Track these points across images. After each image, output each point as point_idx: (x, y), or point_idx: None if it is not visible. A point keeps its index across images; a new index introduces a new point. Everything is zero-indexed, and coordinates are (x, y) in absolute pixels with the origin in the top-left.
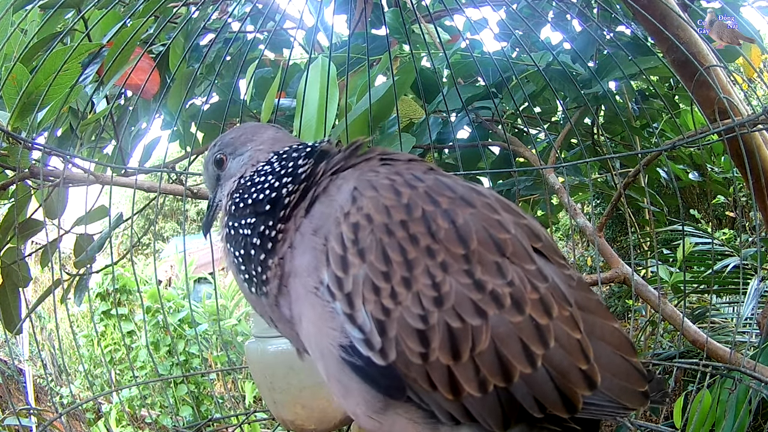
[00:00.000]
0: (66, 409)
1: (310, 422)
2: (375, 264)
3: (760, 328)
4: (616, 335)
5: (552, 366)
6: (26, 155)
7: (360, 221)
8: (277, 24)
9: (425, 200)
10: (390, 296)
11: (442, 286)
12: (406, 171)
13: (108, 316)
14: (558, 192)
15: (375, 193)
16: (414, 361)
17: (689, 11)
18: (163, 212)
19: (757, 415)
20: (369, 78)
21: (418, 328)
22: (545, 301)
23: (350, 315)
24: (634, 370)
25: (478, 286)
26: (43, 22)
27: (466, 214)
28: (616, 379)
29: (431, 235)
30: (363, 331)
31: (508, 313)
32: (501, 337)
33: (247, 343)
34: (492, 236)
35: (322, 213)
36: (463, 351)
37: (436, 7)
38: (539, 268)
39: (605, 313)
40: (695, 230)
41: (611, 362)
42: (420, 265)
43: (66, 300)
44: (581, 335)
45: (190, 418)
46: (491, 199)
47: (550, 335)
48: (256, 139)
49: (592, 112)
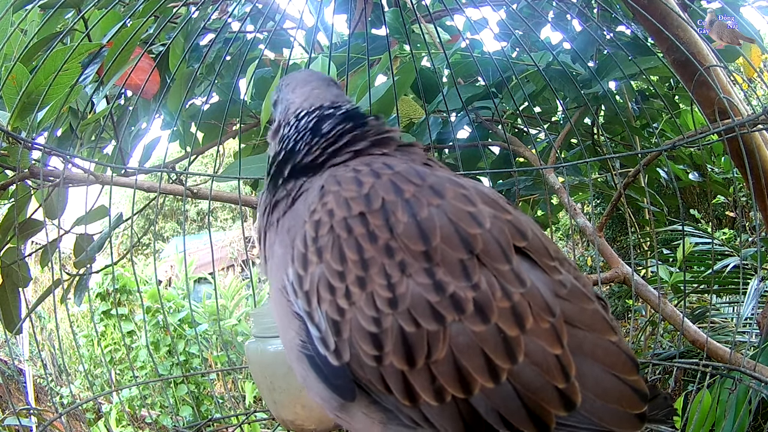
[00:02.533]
0: (66, 409)
1: (310, 422)
2: (331, 263)
3: (760, 328)
4: (612, 351)
5: (520, 382)
6: (26, 155)
7: (322, 218)
8: (277, 24)
9: (387, 189)
10: (344, 296)
11: (398, 286)
12: (381, 161)
13: (108, 316)
14: (558, 192)
15: (338, 187)
16: (368, 364)
17: (689, 11)
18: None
19: (757, 415)
20: (369, 78)
21: (371, 331)
22: (518, 310)
23: (308, 313)
24: (629, 390)
25: (438, 287)
26: (43, 22)
27: (431, 205)
28: (602, 401)
29: (389, 229)
30: (319, 329)
31: (470, 321)
32: (460, 347)
33: (247, 343)
34: (459, 231)
35: (297, 212)
36: (418, 357)
37: (436, 7)
38: (515, 270)
39: (602, 325)
40: (695, 230)
41: (599, 382)
42: (376, 265)
43: (66, 300)
44: (561, 350)
45: (190, 418)
46: (469, 191)
47: (519, 349)
48: (297, 91)
49: (592, 112)
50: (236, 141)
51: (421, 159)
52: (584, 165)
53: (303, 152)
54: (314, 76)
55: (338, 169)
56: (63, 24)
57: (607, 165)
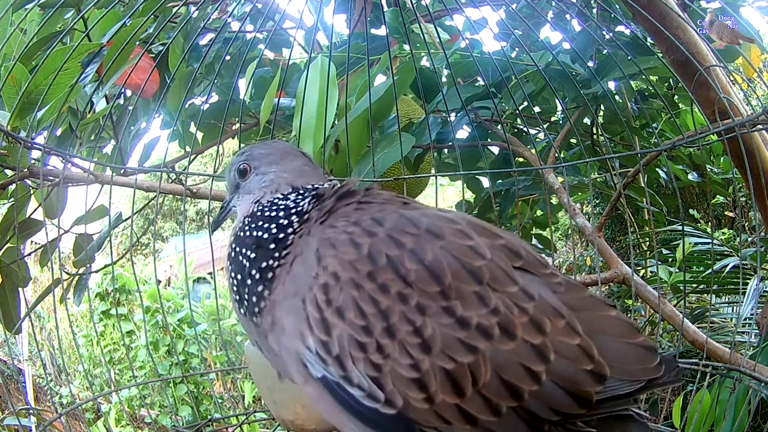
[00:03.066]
0: (65, 409)
1: (310, 422)
2: (354, 321)
3: (759, 328)
4: (616, 323)
5: (557, 377)
6: (26, 155)
7: (328, 281)
8: (277, 24)
9: (388, 245)
10: (377, 350)
11: (424, 330)
12: (368, 218)
13: (107, 316)
14: (557, 192)
15: (335, 251)
16: (420, 407)
17: (689, 11)
18: (162, 212)
19: (757, 415)
20: (369, 77)
21: (413, 377)
22: (536, 320)
23: (345, 377)
24: (641, 349)
25: (462, 323)
26: (43, 21)
27: (435, 248)
28: (626, 364)
29: (402, 279)
30: (362, 389)
31: (500, 342)
32: (500, 366)
33: (247, 343)
34: (466, 266)
35: (298, 273)
36: (466, 388)
37: (436, 7)
38: (523, 288)
39: (600, 305)
40: (694, 230)
41: (617, 350)
42: (395, 313)
43: (65, 300)
44: (580, 338)
45: (190, 417)
46: (462, 224)
47: (548, 350)
48: (282, 165)
49: (592, 111)
50: (236, 141)
51: (396, 201)
52: (584, 165)
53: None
54: (294, 151)
55: (325, 229)
56: (63, 24)
57: (606, 165)
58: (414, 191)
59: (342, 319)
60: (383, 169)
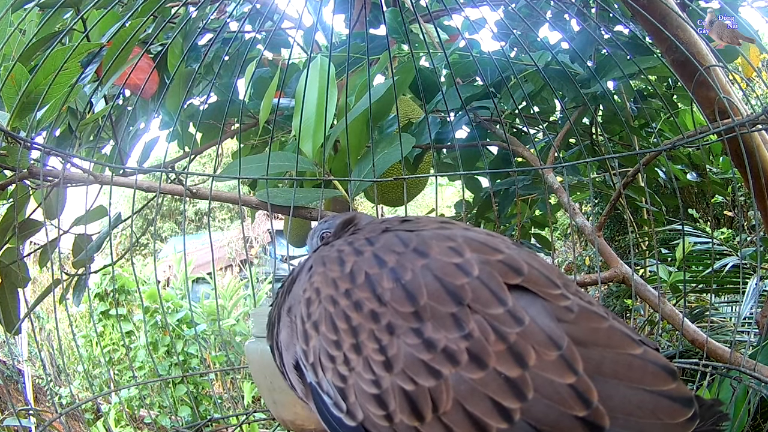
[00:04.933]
0: (65, 409)
1: (310, 422)
2: (327, 334)
3: (759, 327)
4: (637, 365)
5: (534, 419)
6: (25, 155)
7: (311, 296)
8: (276, 24)
9: (370, 264)
10: (344, 363)
11: (389, 349)
12: (363, 237)
13: (107, 316)
14: (557, 191)
15: (323, 268)
16: (380, 423)
17: (688, 11)
18: (161, 212)
19: (757, 415)
20: (369, 77)
21: (373, 393)
22: (516, 349)
23: (318, 383)
24: (666, 400)
25: (429, 345)
26: (42, 22)
27: (417, 267)
28: (635, 418)
29: (377, 298)
30: (329, 396)
31: (467, 370)
32: (464, 395)
33: (247, 343)
34: (446, 285)
35: (294, 293)
36: (425, 412)
37: (435, 7)
38: (511, 311)
39: (620, 341)
40: (694, 230)
41: (628, 400)
42: (365, 331)
43: (65, 300)
44: (576, 378)
45: (189, 418)
46: (457, 242)
47: (526, 386)
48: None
49: (591, 111)
50: (235, 141)
51: (395, 221)
52: (583, 165)
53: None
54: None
55: (323, 249)
56: (62, 24)
57: (605, 165)
58: (413, 191)
59: (317, 332)
60: (383, 169)
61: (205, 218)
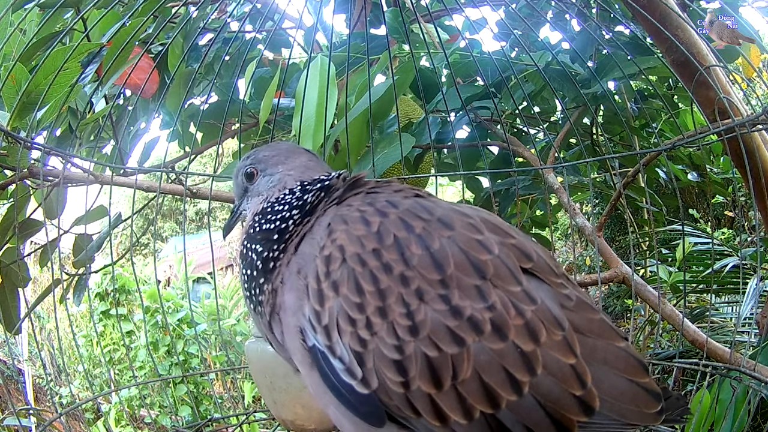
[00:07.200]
0: (65, 409)
1: (310, 422)
2: (349, 296)
3: (759, 327)
4: (622, 356)
5: (540, 393)
6: (25, 155)
7: (333, 253)
8: (277, 24)
9: (398, 227)
10: (366, 327)
11: (417, 314)
12: (383, 200)
13: (107, 316)
14: (557, 192)
15: (346, 226)
16: (395, 390)
17: (689, 11)
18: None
19: (757, 415)
20: (369, 77)
21: (395, 359)
22: (531, 326)
23: (329, 347)
24: (643, 391)
25: (455, 312)
26: (43, 21)
27: (443, 237)
28: (620, 403)
29: (405, 261)
30: (343, 362)
31: (489, 340)
32: (483, 365)
33: (247, 342)
34: (471, 259)
35: (305, 253)
36: (444, 380)
37: (436, 7)
38: (526, 290)
39: (610, 333)
40: (694, 230)
41: (614, 386)
42: (393, 294)
43: (65, 300)
44: (576, 360)
45: (190, 417)
46: (475, 219)
47: (536, 362)
48: (288, 163)
49: (591, 111)
50: (235, 141)
51: (410, 191)
52: (583, 165)
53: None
54: (297, 149)
55: (340, 208)
56: (62, 24)
57: (606, 165)
58: None
59: (336, 293)
60: (383, 169)
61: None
